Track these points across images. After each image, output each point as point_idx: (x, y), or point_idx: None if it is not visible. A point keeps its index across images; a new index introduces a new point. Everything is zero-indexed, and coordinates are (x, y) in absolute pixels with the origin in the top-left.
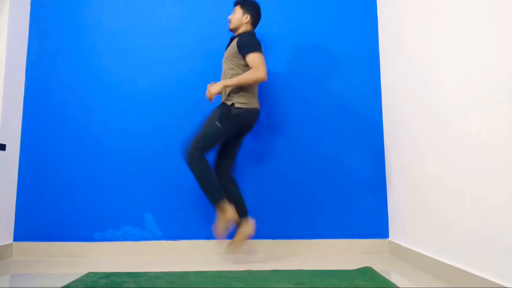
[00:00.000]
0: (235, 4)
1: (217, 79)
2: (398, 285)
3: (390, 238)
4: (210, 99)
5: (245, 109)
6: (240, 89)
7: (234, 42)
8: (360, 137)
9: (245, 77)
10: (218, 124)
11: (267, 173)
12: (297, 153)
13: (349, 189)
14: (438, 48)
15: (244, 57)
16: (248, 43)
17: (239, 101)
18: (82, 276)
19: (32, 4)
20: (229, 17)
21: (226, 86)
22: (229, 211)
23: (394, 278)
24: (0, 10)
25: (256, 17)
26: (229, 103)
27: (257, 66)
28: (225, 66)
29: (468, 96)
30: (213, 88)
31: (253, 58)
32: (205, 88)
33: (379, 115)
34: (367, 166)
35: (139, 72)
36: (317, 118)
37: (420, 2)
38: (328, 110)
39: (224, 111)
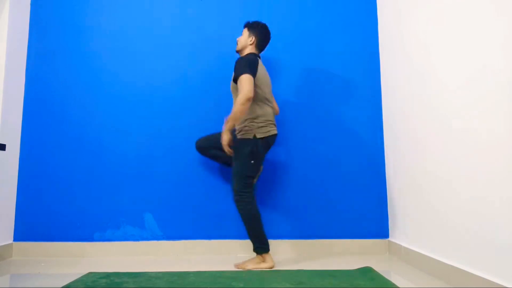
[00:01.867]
0: (244, 26)
1: (217, 79)
2: (398, 285)
3: (390, 238)
4: (228, 151)
5: (267, 137)
6: (255, 119)
7: None
8: (360, 137)
9: (235, 110)
10: (251, 161)
11: (267, 173)
12: (296, 153)
13: (349, 189)
14: (438, 48)
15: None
16: (236, 68)
17: (260, 132)
18: (82, 276)
19: (32, 4)
20: (238, 39)
21: (230, 131)
22: (270, 263)
23: (394, 278)
24: (0, 10)
25: (262, 40)
26: (250, 136)
27: (239, 90)
28: (233, 96)
29: (468, 96)
30: (224, 141)
31: (239, 82)
32: (206, 88)
33: (379, 115)
34: (367, 166)
35: (139, 72)
36: (316, 119)
37: (420, 2)
38: (327, 110)
39: (253, 149)
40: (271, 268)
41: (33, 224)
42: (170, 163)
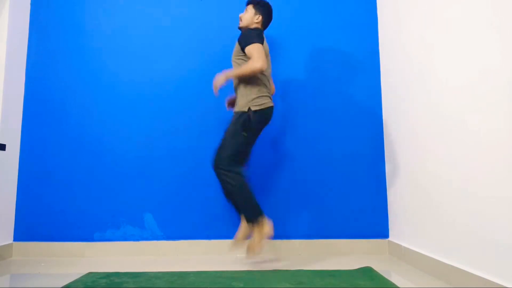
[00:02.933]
0: (248, 3)
1: None
2: (398, 285)
3: (390, 238)
4: (215, 90)
5: (262, 109)
6: (250, 91)
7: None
8: (360, 137)
9: (243, 69)
10: (244, 134)
11: (266, 173)
12: (296, 153)
13: (349, 189)
14: (438, 47)
15: (244, 52)
16: (246, 36)
17: (255, 104)
18: (82, 276)
19: (32, 4)
20: (240, 15)
21: (227, 77)
22: (268, 226)
23: (394, 278)
24: (0, 10)
25: (267, 18)
26: (245, 109)
27: (252, 57)
28: (233, 66)
29: (468, 96)
30: (217, 82)
31: (249, 50)
32: (205, 88)
33: (379, 115)
34: (367, 166)
35: (139, 72)
36: (316, 118)
37: (420, 2)
38: (327, 110)
39: (246, 119)
40: (272, 227)
41: (33, 224)
42: (170, 163)
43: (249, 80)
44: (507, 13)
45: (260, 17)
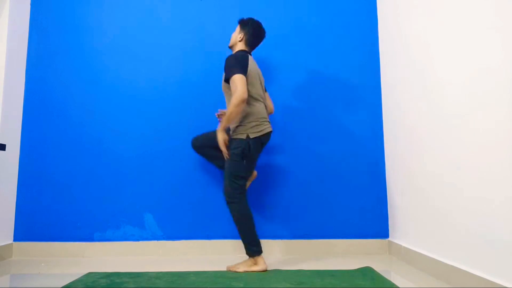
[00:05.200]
0: (238, 22)
1: (217, 79)
2: (398, 285)
3: (390, 238)
4: (225, 153)
5: (261, 136)
6: (247, 118)
7: None
8: (360, 137)
9: (229, 111)
10: (244, 162)
11: (266, 173)
12: (296, 153)
13: (349, 189)
14: (438, 47)
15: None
16: (227, 67)
17: (253, 132)
18: (82, 276)
19: (32, 4)
20: (232, 34)
21: (224, 130)
22: (262, 266)
23: (394, 278)
24: (0, 10)
25: (253, 37)
26: (244, 137)
27: (234, 91)
28: (224, 95)
29: (468, 95)
30: (220, 140)
31: (231, 83)
32: (206, 88)
33: (379, 115)
34: (367, 166)
35: (139, 72)
36: (316, 119)
37: (420, 2)
38: (327, 110)
39: (245, 147)
40: (264, 271)
41: (33, 224)
42: (170, 163)
43: (244, 108)
44: (507, 12)
45: (243, 36)
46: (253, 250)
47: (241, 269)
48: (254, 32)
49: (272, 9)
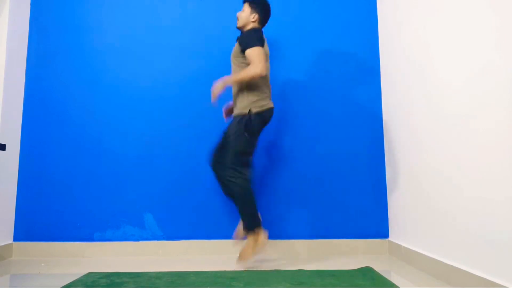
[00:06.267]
0: (244, 1)
1: (218, 79)
2: (398, 285)
3: (390, 238)
4: (213, 98)
5: (263, 110)
6: (250, 94)
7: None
8: (360, 137)
9: (242, 75)
10: (247, 135)
11: (267, 173)
12: (295, 153)
13: (349, 189)
14: (438, 47)
15: (243, 53)
16: (247, 38)
17: (255, 106)
18: (82, 276)
19: (32, 4)
20: (238, 14)
21: (226, 84)
22: (263, 237)
23: (394, 278)
24: (0, 10)
25: (264, 16)
26: (246, 111)
27: (253, 62)
28: (232, 66)
29: (468, 95)
30: (216, 89)
31: (249, 54)
32: (206, 89)
33: (379, 115)
34: (367, 166)
35: (139, 72)
36: (316, 118)
37: (420, 2)
38: (327, 110)
39: (247, 121)
40: (266, 238)
41: (33, 224)
42: (170, 163)
43: (249, 82)
44: (506, 12)
45: (256, 16)
46: (256, 222)
47: (249, 252)
48: (265, 11)
49: (272, 9)
